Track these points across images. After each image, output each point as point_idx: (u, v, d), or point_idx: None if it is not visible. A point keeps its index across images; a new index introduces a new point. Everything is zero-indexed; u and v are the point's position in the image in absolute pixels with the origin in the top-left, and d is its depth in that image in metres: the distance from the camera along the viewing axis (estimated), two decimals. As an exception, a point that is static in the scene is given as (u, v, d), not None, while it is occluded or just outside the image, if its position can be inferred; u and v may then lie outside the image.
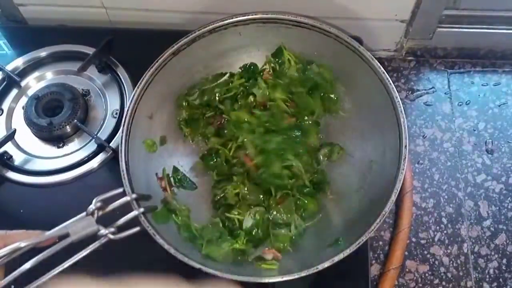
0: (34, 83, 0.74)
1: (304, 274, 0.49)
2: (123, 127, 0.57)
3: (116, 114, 0.70)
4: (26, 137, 0.69)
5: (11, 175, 0.66)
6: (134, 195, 0.51)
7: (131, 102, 0.58)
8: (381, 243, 0.64)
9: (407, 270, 0.63)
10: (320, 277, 0.49)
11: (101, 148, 0.67)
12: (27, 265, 0.40)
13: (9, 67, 0.74)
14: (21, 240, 0.41)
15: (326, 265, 0.49)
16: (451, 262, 0.63)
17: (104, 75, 0.73)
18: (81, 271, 0.39)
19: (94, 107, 0.72)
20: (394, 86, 0.57)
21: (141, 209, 0.50)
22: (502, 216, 0.65)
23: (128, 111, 0.58)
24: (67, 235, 0.43)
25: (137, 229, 0.49)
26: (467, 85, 0.75)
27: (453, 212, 0.66)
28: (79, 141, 0.69)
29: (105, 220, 0.46)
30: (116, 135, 0.68)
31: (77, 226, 0.44)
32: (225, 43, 0.64)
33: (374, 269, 0.63)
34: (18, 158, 0.67)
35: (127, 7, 0.76)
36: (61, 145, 0.69)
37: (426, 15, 0.70)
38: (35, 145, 0.69)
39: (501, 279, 0.62)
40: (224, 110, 0.64)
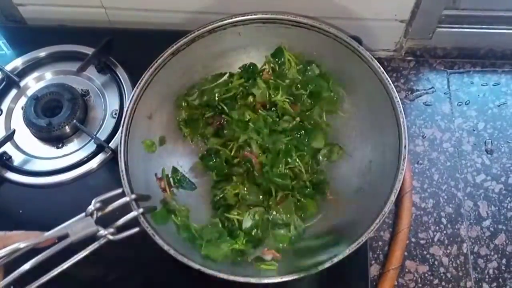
0: (33, 83, 0.74)
1: (303, 274, 0.49)
2: (122, 128, 0.57)
3: (116, 114, 0.70)
4: (25, 137, 0.69)
5: (10, 175, 0.66)
6: (133, 196, 0.51)
7: (130, 102, 0.58)
8: (380, 243, 0.64)
9: (406, 270, 0.63)
10: (319, 277, 0.49)
11: (100, 148, 0.67)
12: (27, 265, 0.40)
13: (8, 67, 0.73)
14: (20, 240, 0.41)
15: (326, 265, 0.50)
16: (450, 262, 0.63)
17: (104, 75, 0.73)
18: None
19: (94, 108, 0.71)
20: (393, 86, 0.57)
21: (141, 210, 0.50)
22: (502, 216, 0.65)
23: (127, 111, 0.58)
24: (66, 236, 0.43)
25: (136, 229, 0.49)
26: (466, 85, 0.75)
27: (453, 212, 0.66)
28: (78, 141, 0.69)
29: (105, 221, 0.46)
30: (115, 135, 0.68)
31: (76, 226, 0.44)
32: (225, 43, 0.64)
33: (374, 269, 0.63)
34: (17, 159, 0.67)
35: (126, 7, 0.76)
36: (60, 145, 0.68)
37: (426, 15, 0.70)
38: (34, 145, 0.69)
39: (500, 279, 0.62)
40: (226, 110, 0.64)
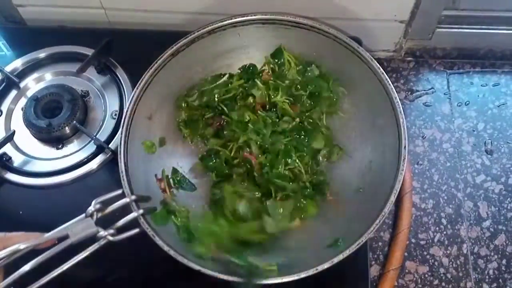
0: (33, 84, 0.74)
1: (303, 275, 0.49)
2: (122, 128, 0.57)
3: (115, 115, 0.70)
4: (25, 138, 0.69)
5: (10, 176, 0.66)
6: (133, 197, 0.51)
7: (130, 103, 0.58)
8: (380, 244, 0.64)
9: (406, 271, 0.63)
10: (319, 278, 0.49)
11: (100, 149, 0.67)
12: (27, 267, 0.40)
13: (8, 68, 0.74)
14: (20, 242, 0.41)
15: (326, 266, 0.49)
16: (450, 263, 0.63)
17: (103, 76, 0.73)
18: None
19: (93, 108, 0.71)
20: (393, 86, 0.57)
21: (141, 211, 0.50)
22: (502, 216, 0.65)
23: (127, 112, 0.57)
24: (66, 237, 0.43)
25: (136, 230, 0.49)
26: (466, 85, 0.75)
27: (453, 213, 0.66)
28: (78, 142, 0.69)
29: (105, 222, 0.46)
30: (115, 136, 0.68)
31: (76, 227, 0.44)
32: (224, 44, 0.64)
33: (374, 270, 0.63)
34: (17, 160, 0.67)
35: (126, 8, 0.76)
36: (60, 146, 0.68)
37: (426, 15, 0.70)
38: (34, 146, 0.69)
39: (500, 280, 0.62)
40: (226, 111, 0.64)
